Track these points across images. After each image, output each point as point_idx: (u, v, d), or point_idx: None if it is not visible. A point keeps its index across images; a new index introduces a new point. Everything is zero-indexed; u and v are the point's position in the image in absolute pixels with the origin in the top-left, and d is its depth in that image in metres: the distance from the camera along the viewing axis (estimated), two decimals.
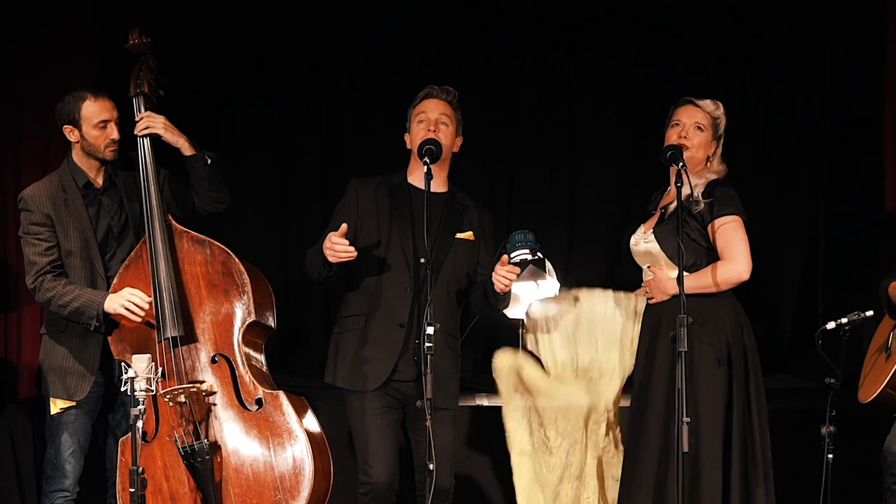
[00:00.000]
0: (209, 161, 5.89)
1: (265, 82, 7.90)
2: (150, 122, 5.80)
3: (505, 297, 5.72)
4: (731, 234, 5.49)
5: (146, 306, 5.61)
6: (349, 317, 5.71)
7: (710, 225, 5.50)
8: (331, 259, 5.45)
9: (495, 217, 6.12)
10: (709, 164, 5.65)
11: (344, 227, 5.40)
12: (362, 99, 7.86)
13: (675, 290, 5.49)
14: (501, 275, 5.52)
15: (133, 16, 6.35)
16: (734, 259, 5.46)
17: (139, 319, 5.61)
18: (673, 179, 5.52)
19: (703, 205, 5.50)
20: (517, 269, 5.55)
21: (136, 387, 5.09)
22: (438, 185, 5.67)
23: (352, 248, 5.41)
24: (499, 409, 6.54)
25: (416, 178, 5.75)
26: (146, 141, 5.79)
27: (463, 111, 5.82)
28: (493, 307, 5.75)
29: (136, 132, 5.79)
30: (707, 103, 5.64)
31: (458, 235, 5.76)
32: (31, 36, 7.04)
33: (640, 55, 7.91)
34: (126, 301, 5.59)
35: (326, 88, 7.96)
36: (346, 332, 5.70)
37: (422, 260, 5.48)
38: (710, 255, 5.54)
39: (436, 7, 7.81)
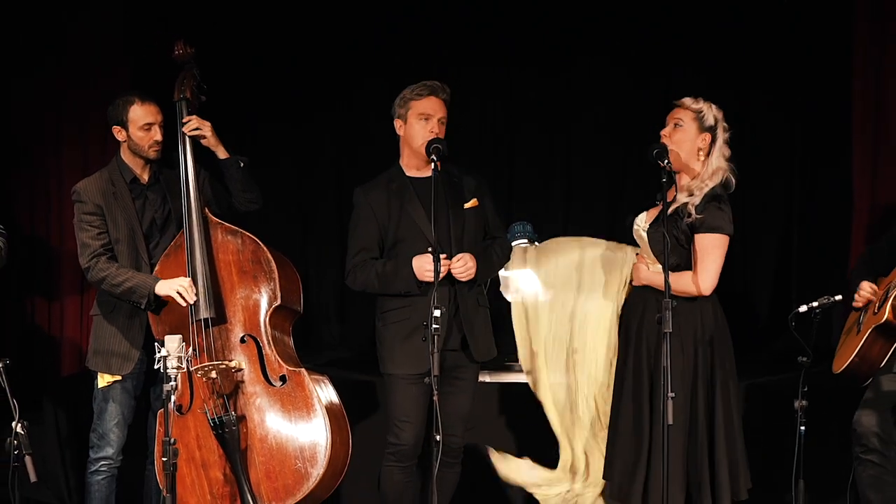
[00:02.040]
0: (241, 164, 5.93)
1: (283, 88, 7.87)
2: (200, 125, 5.84)
3: (487, 271, 5.80)
4: (707, 251, 5.46)
5: (194, 296, 5.66)
6: (391, 311, 5.71)
7: (695, 235, 5.46)
8: (426, 280, 5.50)
9: (497, 211, 6.16)
10: (706, 159, 5.56)
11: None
12: (372, 100, 7.85)
13: (647, 279, 5.59)
14: (457, 269, 5.59)
15: (162, 30, 6.37)
16: (700, 274, 5.46)
17: (186, 304, 5.67)
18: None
19: (694, 217, 5.45)
20: (465, 259, 5.60)
21: (168, 364, 5.13)
22: (437, 169, 5.62)
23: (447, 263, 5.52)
24: (500, 384, 6.61)
25: (411, 169, 5.77)
26: (188, 142, 5.84)
27: (464, 110, 5.83)
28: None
29: (185, 130, 5.83)
30: (686, 100, 5.57)
31: (466, 206, 5.76)
32: (71, 49, 7.03)
33: (631, 60, 7.89)
34: (179, 286, 5.65)
35: (339, 91, 7.93)
36: (392, 324, 5.70)
37: (429, 249, 5.49)
38: (692, 259, 5.54)
39: (440, 14, 7.79)
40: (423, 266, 5.52)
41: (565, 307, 5.99)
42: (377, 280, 5.65)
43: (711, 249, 5.45)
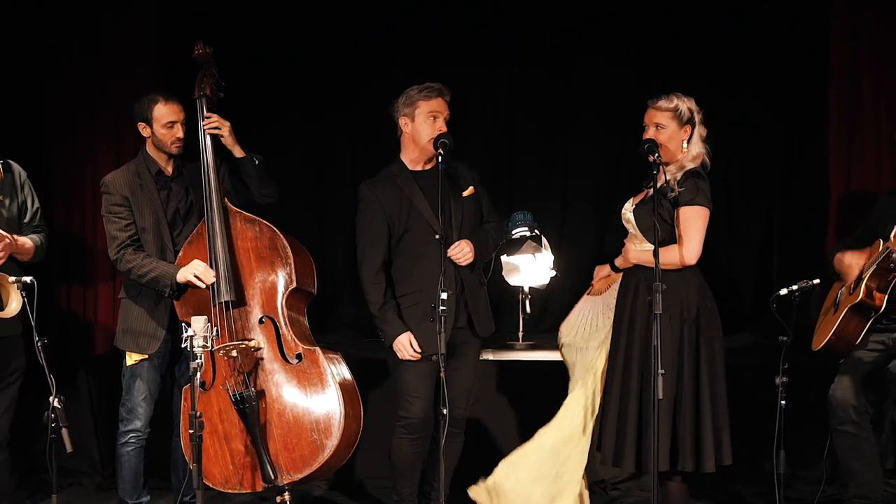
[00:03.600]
0: (256, 162, 5.93)
1: (299, 86, 7.85)
2: (220, 125, 5.86)
3: (483, 254, 5.84)
4: (688, 223, 5.45)
5: (212, 277, 5.67)
6: (402, 296, 5.73)
7: (676, 210, 5.47)
8: (399, 355, 5.67)
9: (497, 205, 6.18)
10: (686, 148, 5.57)
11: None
12: (384, 96, 7.85)
13: (635, 259, 5.59)
14: (456, 255, 5.63)
15: (191, 31, 6.36)
16: (683, 245, 5.45)
17: (205, 286, 5.67)
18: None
19: (676, 191, 5.46)
20: (462, 245, 5.65)
21: (195, 343, 5.15)
22: (433, 163, 5.69)
23: (417, 356, 5.64)
24: (501, 362, 6.60)
25: (414, 163, 5.79)
26: (208, 136, 5.84)
27: (465, 108, 5.84)
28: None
29: (204, 126, 5.84)
30: (661, 102, 5.56)
31: (464, 194, 5.80)
32: (106, 48, 7.02)
33: (626, 62, 7.87)
34: (194, 271, 5.66)
35: (354, 88, 7.91)
36: (404, 309, 5.72)
37: (437, 236, 5.52)
38: (676, 233, 5.53)
39: (442, 17, 7.77)
40: (399, 348, 5.66)
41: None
42: (375, 316, 5.73)
43: (693, 221, 5.44)
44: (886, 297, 5.50)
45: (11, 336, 5.54)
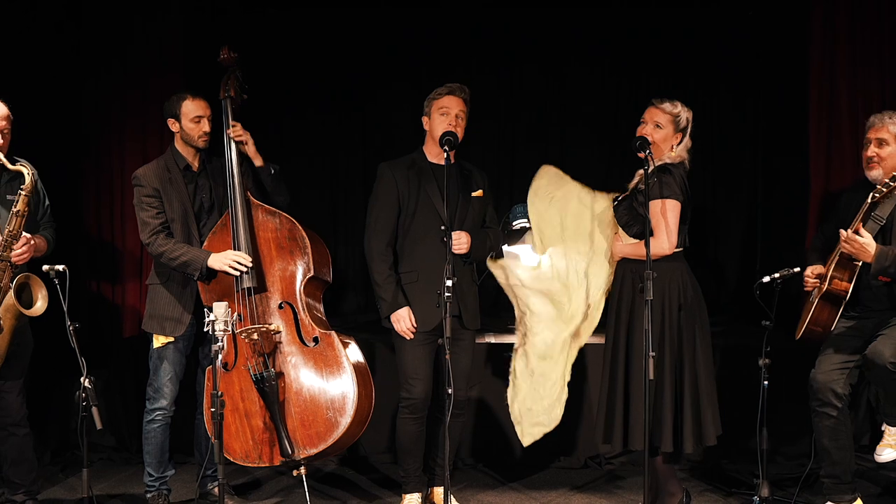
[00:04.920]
0: (273, 171, 5.95)
1: (323, 87, 7.88)
2: (244, 135, 5.88)
3: (480, 252, 5.84)
4: (657, 215, 5.45)
5: (245, 266, 5.68)
6: (402, 273, 5.75)
7: (648, 203, 5.42)
8: (396, 327, 5.69)
9: (498, 197, 6.19)
10: (671, 151, 5.59)
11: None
12: (395, 97, 7.84)
13: (619, 253, 5.63)
14: (455, 243, 5.62)
15: (214, 37, 6.36)
16: (656, 236, 5.45)
17: (238, 274, 5.69)
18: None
19: (643, 185, 5.45)
20: (461, 235, 5.67)
21: (216, 327, 5.17)
22: (450, 159, 5.69)
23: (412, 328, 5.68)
24: (503, 345, 6.60)
25: (433, 156, 5.80)
26: (233, 141, 5.85)
27: (473, 106, 5.85)
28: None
29: (229, 133, 5.86)
30: (666, 105, 5.60)
31: (473, 194, 5.83)
32: (134, 53, 6.99)
33: (614, 67, 7.88)
34: (231, 260, 5.67)
35: (369, 89, 7.92)
36: (404, 285, 5.73)
37: (442, 227, 5.52)
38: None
39: (455, 24, 7.78)
40: (398, 320, 5.68)
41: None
42: (380, 286, 5.73)
43: (660, 213, 5.45)
44: (852, 285, 5.52)
45: (23, 323, 5.55)
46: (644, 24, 7.77)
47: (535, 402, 5.88)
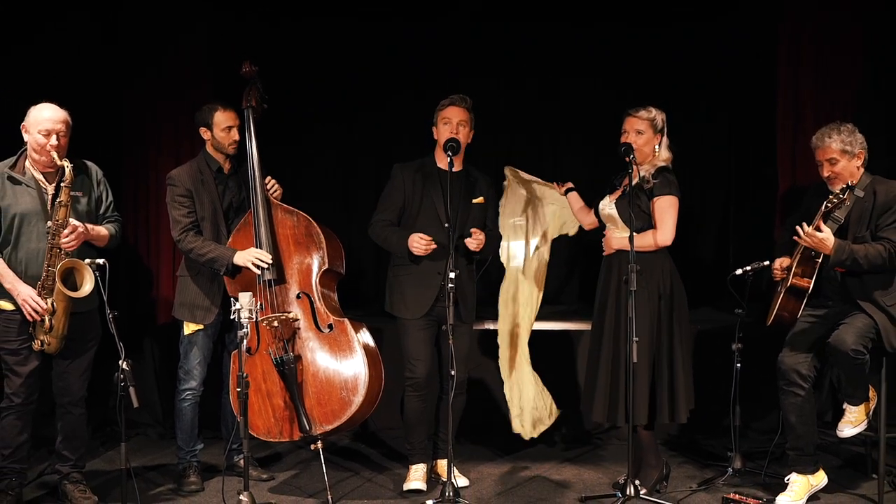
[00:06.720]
0: None
1: (337, 94, 7.88)
2: (277, 187, 5.90)
3: (485, 251, 5.87)
4: (663, 211, 5.54)
5: (266, 263, 5.70)
6: (401, 265, 5.79)
7: (652, 200, 5.57)
8: (416, 253, 5.65)
9: (498, 195, 6.20)
10: (657, 152, 5.66)
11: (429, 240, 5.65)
12: (403, 103, 7.84)
13: (617, 245, 5.64)
14: (472, 240, 5.68)
15: (238, 51, 6.37)
16: (659, 229, 5.54)
17: (259, 271, 5.69)
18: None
19: (651, 184, 5.55)
20: (481, 234, 5.72)
21: (242, 315, 5.19)
22: (457, 166, 5.70)
23: (433, 245, 5.63)
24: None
25: (440, 161, 5.82)
26: (255, 143, 5.85)
27: (476, 115, 5.86)
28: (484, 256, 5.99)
29: (266, 187, 5.86)
30: (642, 112, 5.65)
31: (474, 201, 5.84)
32: (167, 66, 7.05)
33: (607, 81, 7.88)
34: (254, 258, 5.67)
35: (380, 97, 7.92)
36: (400, 276, 5.79)
37: (446, 224, 5.55)
38: (653, 220, 5.59)
39: (460, 39, 7.78)
40: (412, 242, 5.65)
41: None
42: (385, 239, 5.78)
43: (667, 208, 5.54)
44: (813, 280, 5.54)
45: (88, 311, 5.54)
46: (631, 44, 7.77)
47: (524, 390, 6.06)
